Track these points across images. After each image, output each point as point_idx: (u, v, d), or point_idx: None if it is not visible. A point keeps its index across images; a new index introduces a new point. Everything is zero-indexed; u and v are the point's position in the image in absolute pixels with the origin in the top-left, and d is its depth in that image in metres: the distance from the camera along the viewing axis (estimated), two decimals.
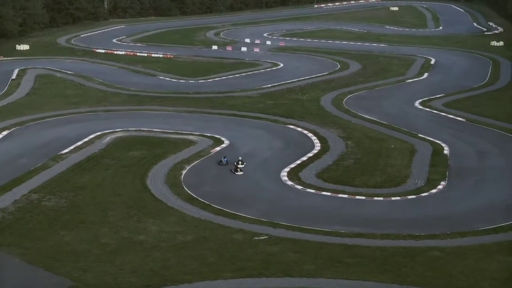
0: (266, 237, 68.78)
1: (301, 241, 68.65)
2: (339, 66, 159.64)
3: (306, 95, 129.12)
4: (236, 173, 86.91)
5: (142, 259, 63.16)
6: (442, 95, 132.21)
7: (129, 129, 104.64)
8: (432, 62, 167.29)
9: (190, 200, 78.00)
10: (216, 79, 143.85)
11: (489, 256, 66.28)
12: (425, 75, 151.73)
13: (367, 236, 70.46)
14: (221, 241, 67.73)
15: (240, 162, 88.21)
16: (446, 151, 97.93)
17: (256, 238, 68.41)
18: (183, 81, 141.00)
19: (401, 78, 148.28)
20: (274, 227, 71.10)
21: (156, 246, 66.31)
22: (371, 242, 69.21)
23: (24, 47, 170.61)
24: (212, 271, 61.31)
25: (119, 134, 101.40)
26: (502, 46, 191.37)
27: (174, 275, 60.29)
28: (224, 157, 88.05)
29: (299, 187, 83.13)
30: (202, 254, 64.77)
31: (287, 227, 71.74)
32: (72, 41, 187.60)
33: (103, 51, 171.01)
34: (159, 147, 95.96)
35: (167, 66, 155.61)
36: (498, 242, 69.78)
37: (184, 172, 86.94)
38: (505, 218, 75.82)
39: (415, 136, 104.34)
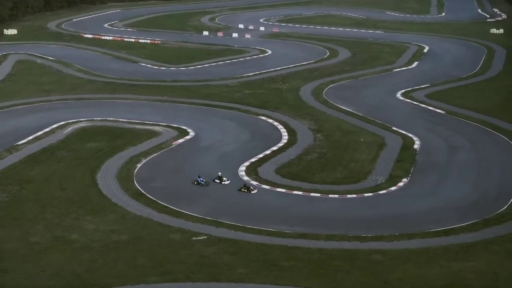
0: (205, 237, 66.48)
1: (240, 242, 66.35)
2: (328, 54, 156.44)
3: (286, 84, 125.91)
4: (223, 183, 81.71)
5: (68, 261, 61.31)
6: (427, 85, 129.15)
7: (95, 118, 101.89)
8: (425, 50, 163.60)
9: (137, 196, 75.99)
10: (198, 66, 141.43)
11: (432, 261, 63.70)
12: (415, 64, 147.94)
13: (310, 236, 68.21)
14: (156, 242, 65.57)
15: (223, 179, 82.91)
16: (416, 145, 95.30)
17: (195, 238, 66.29)
18: (164, 68, 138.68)
19: (389, 67, 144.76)
20: (216, 227, 68.94)
21: (87, 246, 64.40)
22: (313, 243, 67.15)
23: (12, 31, 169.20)
24: (138, 274, 59.16)
25: (83, 124, 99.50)
26: (501, 33, 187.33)
27: (96, 278, 58.29)
28: (199, 177, 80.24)
29: (254, 183, 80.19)
30: (133, 256, 62.68)
31: (231, 227, 69.60)
32: (62, 25, 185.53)
33: (91, 36, 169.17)
34: (120, 138, 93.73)
35: (152, 52, 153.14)
36: (446, 245, 67.25)
37: (139, 165, 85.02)
38: (460, 219, 72.33)
39: (388, 129, 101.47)
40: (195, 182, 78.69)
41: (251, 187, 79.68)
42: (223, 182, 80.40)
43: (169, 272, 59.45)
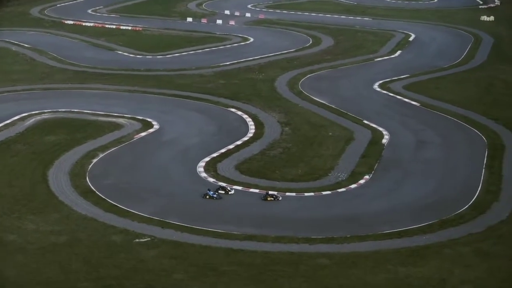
0: (148, 239, 64.00)
1: (184, 244, 64.35)
2: (311, 42, 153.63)
3: (262, 74, 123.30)
4: (229, 193, 78.18)
5: (0, 263, 58.04)
6: (407, 75, 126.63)
7: (59, 110, 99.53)
8: (411, 38, 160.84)
9: (86, 194, 74.09)
10: (176, 55, 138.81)
11: (380, 265, 61.76)
12: (398, 53, 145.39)
13: (258, 238, 66.12)
14: (95, 244, 63.63)
15: (228, 189, 78.54)
16: (385, 140, 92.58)
17: (137, 240, 63.82)
18: (140, 56, 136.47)
19: (370, 56, 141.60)
20: (162, 227, 66.98)
21: (23, 248, 62.51)
22: (260, 246, 65.18)
23: None
24: (69, 280, 57.52)
25: (46, 116, 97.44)
26: (492, 21, 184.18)
27: (24, 285, 56.09)
28: (209, 190, 76.11)
29: (211, 180, 77.60)
30: (68, 259, 60.90)
31: (177, 227, 67.57)
32: (45, 11, 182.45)
33: (71, 22, 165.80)
34: (81, 131, 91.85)
35: (132, 39, 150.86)
36: (397, 249, 64.92)
37: (94, 161, 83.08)
38: (417, 220, 69.80)
39: (359, 123, 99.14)
40: (207, 196, 74.36)
41: (275, 195, 76.59)
42: (229, 193, 76.83)
43: (102, 278, 57.57)
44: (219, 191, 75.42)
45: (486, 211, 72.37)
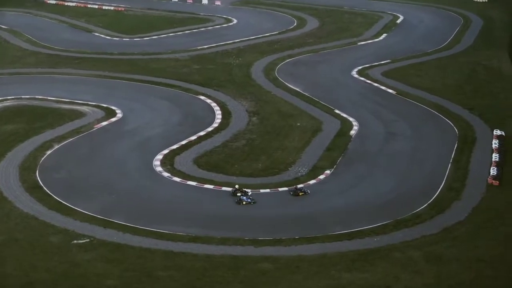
0: (87, 240, 61.50)
1: (124, 246, 62.10)
2: (295, 24, 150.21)
3: (240, 59, 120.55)
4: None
5: None
6: (388, 61, 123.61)
7: (22, 97, 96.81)
8: (399, 20, 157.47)
9: (33, 189, 71.69)
10: (155, 37, 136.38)
11: (323, 270, 59.55)
12: (383, 36, 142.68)
13: (203, 240, 63.80)
14: (31, 245, 61.48)
15: (245, 192, 74.98)
16: (353, 131, 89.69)
17: (75, 241, 61.25)
18: (117, 39, 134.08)
19: (354, 39, 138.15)
20: (104, 227, 64.25)
21: None
22: (203, 248, 62.58)
23: None
24: None
25: (8, 103, 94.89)
26: (485, 2, 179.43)
27: None
28: (242, 195, 73.49)
29: (166, 174, 75.47)
30: (1, 262, 57.59)
31: (121, 228, 64.48)
32: None
33: (54, 2, 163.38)
34: (41, 120, 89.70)
35: (112, 20, 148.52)
36: (344, 252, 62.22)
37: (48, 152, 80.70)
38: (370, 220, 67.25)
39: (330, 112, 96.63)
40: (243, 202, 71.92)
41: (304, 189, 75.05)
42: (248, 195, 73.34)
43: (31, 283, 54.78)
44: (240, 193, 72.76)
45: (445, 211, 69.87)
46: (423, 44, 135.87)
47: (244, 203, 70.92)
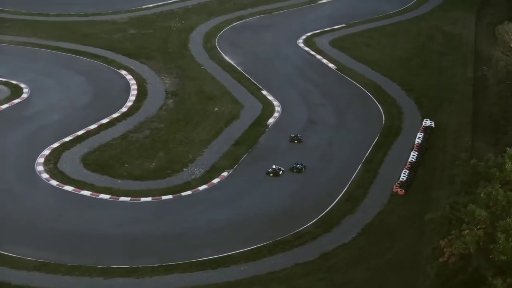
0: None
1: None
2: None
3: (183, 21, 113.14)
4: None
5: None
6: (342, 25, 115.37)
7: None
8: None
9: None
10: None
11: None
12: None
13: (49, 268, 60.03)
14: None
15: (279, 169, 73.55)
16: (273, 119, 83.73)
17: None
18: None
19: None
20: None
21: None
22: (46, 280, 58.79)
23: None
24: None
25: None
26: None
27: None
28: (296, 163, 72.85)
29: (44, 176, 70.43)
30: None
31: None
32: None
33: None
34: None
35: None
36: (202, 286, 55.00)
37: None
38: (246, 242, 62.48)
39: (256, 93, 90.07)
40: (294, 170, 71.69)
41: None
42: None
43: None
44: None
45: (333, 228, 62.86)
46: (386, 4, 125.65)
47: (295, 171, 71.13)
